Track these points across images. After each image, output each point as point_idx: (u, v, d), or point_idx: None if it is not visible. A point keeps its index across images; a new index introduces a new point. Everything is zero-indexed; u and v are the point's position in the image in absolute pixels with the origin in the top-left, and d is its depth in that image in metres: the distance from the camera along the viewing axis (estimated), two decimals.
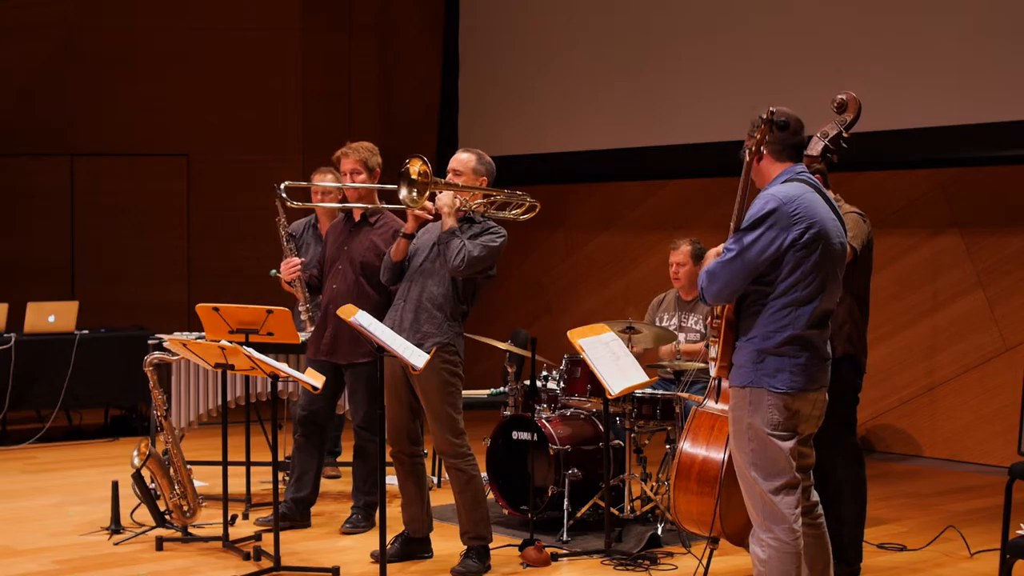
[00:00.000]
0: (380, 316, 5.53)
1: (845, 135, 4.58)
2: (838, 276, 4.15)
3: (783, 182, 4.10)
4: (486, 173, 5.49)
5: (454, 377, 5.39)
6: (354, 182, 6.07)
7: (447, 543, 5.78)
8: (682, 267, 6.74)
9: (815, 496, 4.24)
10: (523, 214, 5.58)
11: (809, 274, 4.02)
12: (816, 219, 4.03)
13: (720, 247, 4.18)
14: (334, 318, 6.01)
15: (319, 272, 6.33)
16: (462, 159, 5.50)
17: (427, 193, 5.24)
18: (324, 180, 6.74)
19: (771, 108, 4.11)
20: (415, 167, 5.21)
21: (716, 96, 9.14)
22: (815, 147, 4.61)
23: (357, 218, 6.17)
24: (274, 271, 6.64)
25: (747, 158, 4.13)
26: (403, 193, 5.23)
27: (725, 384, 4.28)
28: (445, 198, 5.33)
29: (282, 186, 5.85)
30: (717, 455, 4.84)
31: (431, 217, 5.41)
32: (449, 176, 5.46)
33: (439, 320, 5.35)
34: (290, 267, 6.30)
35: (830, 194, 4.32)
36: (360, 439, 6.21)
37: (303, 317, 6.29)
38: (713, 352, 4.24)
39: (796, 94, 7.99)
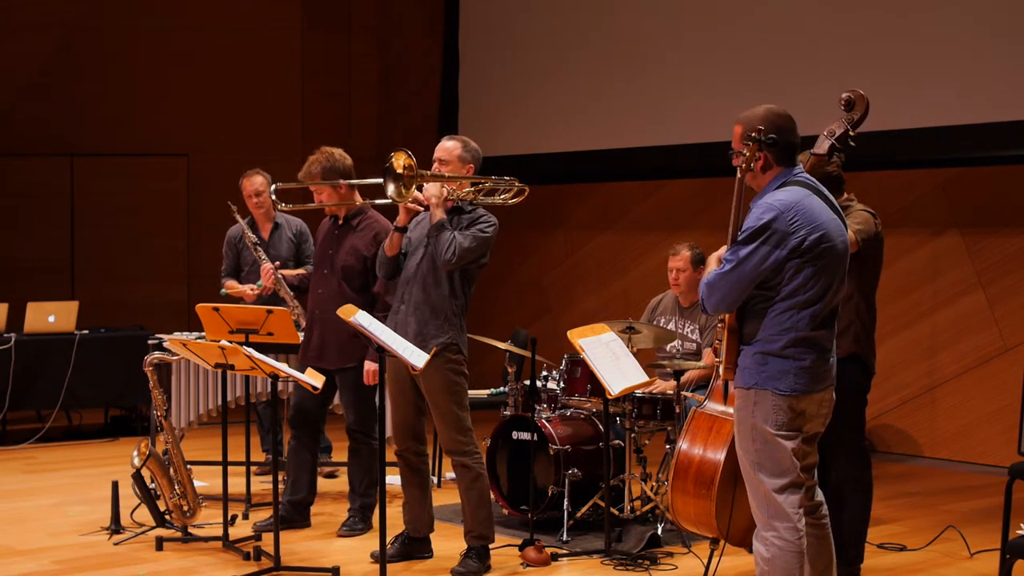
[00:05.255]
0: None
1: (852, 133, 4.55)
2: (843, 275, 4.14)
3: (779, 186, 4.08)
4: (472, 160, 5.42)
5: (459, 376, 5.39)
6: (321, 199, 6.06)
7: (447, 543, 5.78)
8: (682, 273, 6.71)
9: (819, 496, 4.24)
10: (512, 198, 5.44)
11: (812, 278, 4.01)
12: (816, 223, 4.00)
13: (722, 250, 4.17)
14: (320, 323, 6.02)
15: (308, 276, 6.33)
16: (447, 147, 5.42)
17: (414, 187, 5.18)
18: (253, 182, 7.11)
19: (760, 126, 4.05)
20: (399, 161, 5.12)
21: (716, 96, 9.14)
22: (822, 146, 4.59)
23: (342, 220, 6.12)
24: (224, 291, 6.70)
25: (739, 173, 4.10)
26: (390, 189, 5.14)
27: (731, 387, 4.28)
28: (432, 189, 5.27)
29: (273, 191, 5.85)
30: (714, 456, 4.84)
31: (422, 208, 5.37)
32: (435, 166, 5.40)
33: (440, 321, 5.34)
34: (266, 273, 6.19)
35: (842, 196, 4.30)
36: (355, 441, 6.19)
37: (294, 316, 6.21)
38: (720, 355, 4.24)
39: (796, 94, 8.00)
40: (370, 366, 5.92)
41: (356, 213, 6.09)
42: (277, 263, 6.30)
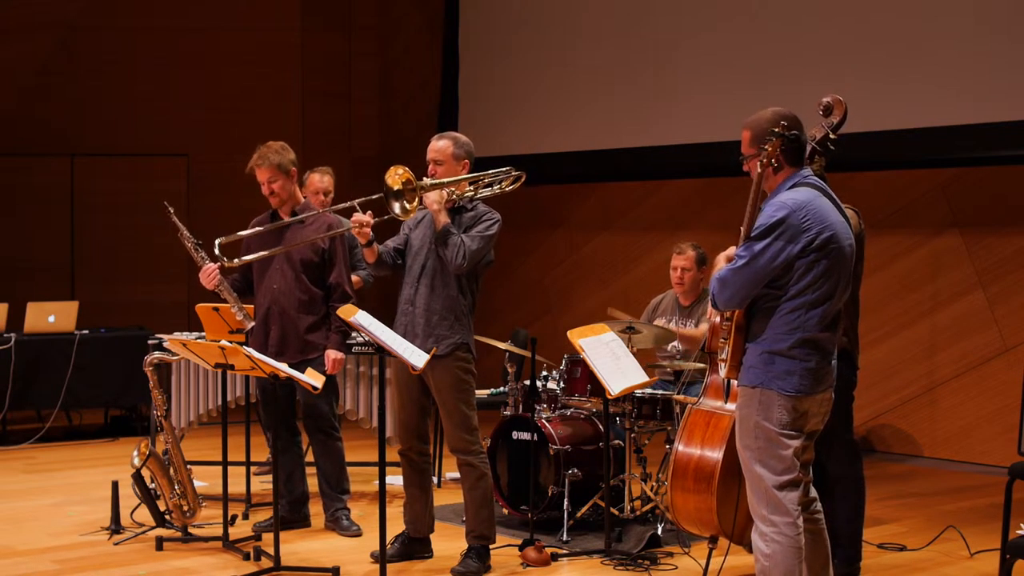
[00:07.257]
0: (323, 308, 5.87)
1: (832, 137, 4.58)
2: (849, 277, 4.18)
3: (791, 187, 4.12)
4: (466, 155, 5.41)
5: (468, 375, 5.40)
6: (273, 189, 6.01)
7: (447, 543, 5.78)
8: (687, 272, 6.72)
9: (813, 492, 4.27)
10: (509, 186, 5.46)
11: (820, 277, 4.05)
12: (826, 224, 4.06)
13: (731, 250, 4.20)
14: (279, 317, 6.00)
15: (241, 276, 6.19)
16: (439, 146, 5.41)
17: (417, 199, 5.17)
18: (322, 180, 6.90)
19: (783, 121, 4.09)
20: (396, 175, 5.09)
21: (715, 96, 9.14)
22: None
23: (285, 217, 6.09)
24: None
25: (759, 169, 4.12)
26: (396, 208, 5.11)
27: (734, 384, 4.29)
28: (432, 195, 5.27)
29: (217, 242, 5.68)
30: (713, 451, 4.85)
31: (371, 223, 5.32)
32: (430, 167, 5.40)
33: (451, 321, 5.34)
34: (208, 275, 5.90)
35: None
36: (326, 435, 6.20)
37: (238, 318, 6.07)
38: (723, 353, 4.25)
39: (796, 94, 7.99)
40: (334, 354, 5.92)
41: (301, 208, 6.09)
42: (220, 264, 6.05)
